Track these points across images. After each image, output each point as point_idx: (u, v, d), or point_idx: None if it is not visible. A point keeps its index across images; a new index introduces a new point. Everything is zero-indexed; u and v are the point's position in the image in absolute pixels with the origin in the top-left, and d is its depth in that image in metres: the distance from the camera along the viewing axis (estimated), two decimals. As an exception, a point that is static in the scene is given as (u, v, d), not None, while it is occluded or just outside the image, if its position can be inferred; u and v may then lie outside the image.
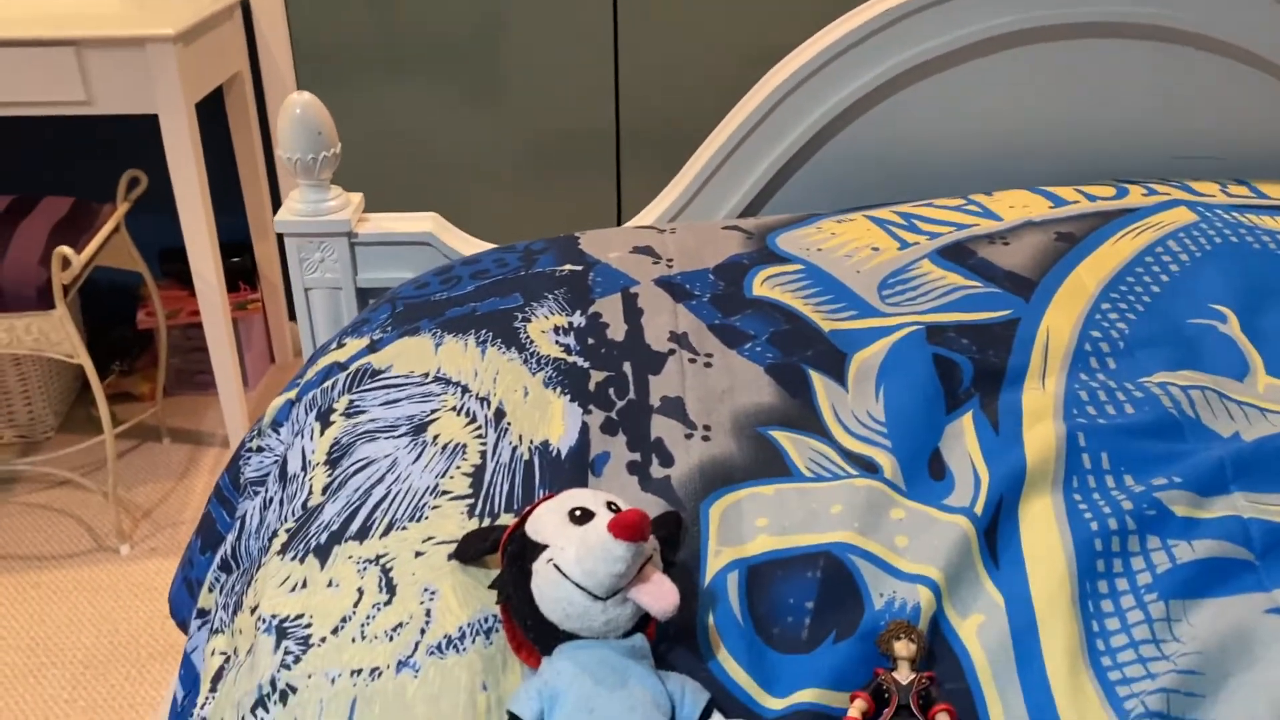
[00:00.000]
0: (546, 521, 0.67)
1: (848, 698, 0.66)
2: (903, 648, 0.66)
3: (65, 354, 1.75)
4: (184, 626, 1.05)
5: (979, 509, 0.76)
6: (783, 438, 0.85)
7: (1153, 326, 0.96)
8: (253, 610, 0.75)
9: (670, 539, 0.73)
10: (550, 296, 1.01)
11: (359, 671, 0.67)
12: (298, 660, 0.68)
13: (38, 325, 1.71)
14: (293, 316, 2.48)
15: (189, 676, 0.90)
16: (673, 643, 0.69)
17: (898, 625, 0.68)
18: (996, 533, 0.75)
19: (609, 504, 0.68)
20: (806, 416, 0.87)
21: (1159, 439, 0.82)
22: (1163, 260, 1.04)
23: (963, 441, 0.84)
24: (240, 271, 2.27)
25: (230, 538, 0.91)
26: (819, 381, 0.90)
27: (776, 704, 0.66)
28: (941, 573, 0.72)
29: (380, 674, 0.66)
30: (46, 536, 1.98)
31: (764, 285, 1.02)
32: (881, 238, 1.09)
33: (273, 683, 0.68)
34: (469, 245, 1.28)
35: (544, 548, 0.66)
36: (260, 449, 0.97)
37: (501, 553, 0.69)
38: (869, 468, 0.82)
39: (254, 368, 2.32)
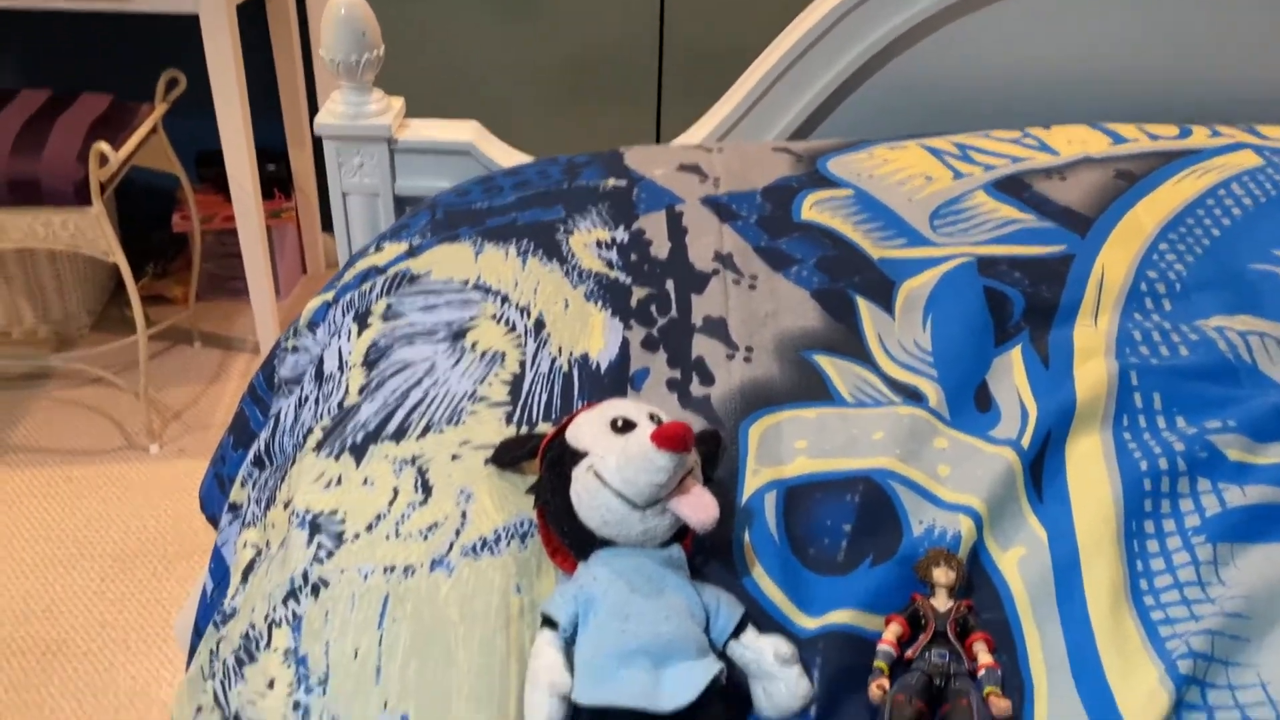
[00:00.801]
0: (587, 430, 0.66)
1: (883, 621, 0.65)
2: (941, 574, 0.66)
3: (101, 252, 1.75)
4: (214, 521, 1.06)
5: (1025, 442, 0.75)
6: (826, 362, 0.83)
7: (1211, 269, 0.93)
8: (286, 505, 0.75)
9: (710, 456, 0.73)
10: (593, 210, 0.99)
11: (392, 569, 0.66)
12: (330, 555, 0.68)
13: (74, 221, 1.71)
14: (326, 227, 2.46)
15: (219, 569, 0.90)
16: (708, 557, 0.68)
17: (937, 553, 0.67)
18: (1042, 467, 0.74)
19: (651, 415, 0.67)
20: (851, 342, 0.85)
21: (1213, 382, 0.80)
22: (1225, 204, 1.00)
23: (1011, 375, 0.82)
24: (276, 179, 2.26)
25: (264, 435, 0.91)
26: (865, 308, 0.88)
27: (810, 623, 0.65)
28: (984, 503, 0.71)
29: (414, 572, 0.66)
30: (78, 432, 2.00)
31: (813, 209, 0.99)
32: (935, 166, 1.06)
33: (305, 576, 0.68)
34: (509, 157, 1.26)
35: (584, 455, 0.65)
36: (296, 349, 0.96)
37: (540, 459, 0.68)
38: (913, 396, 0.80)
39: (286, 277, 2.32)
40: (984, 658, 0.62)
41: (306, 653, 0.64)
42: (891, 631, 0.64)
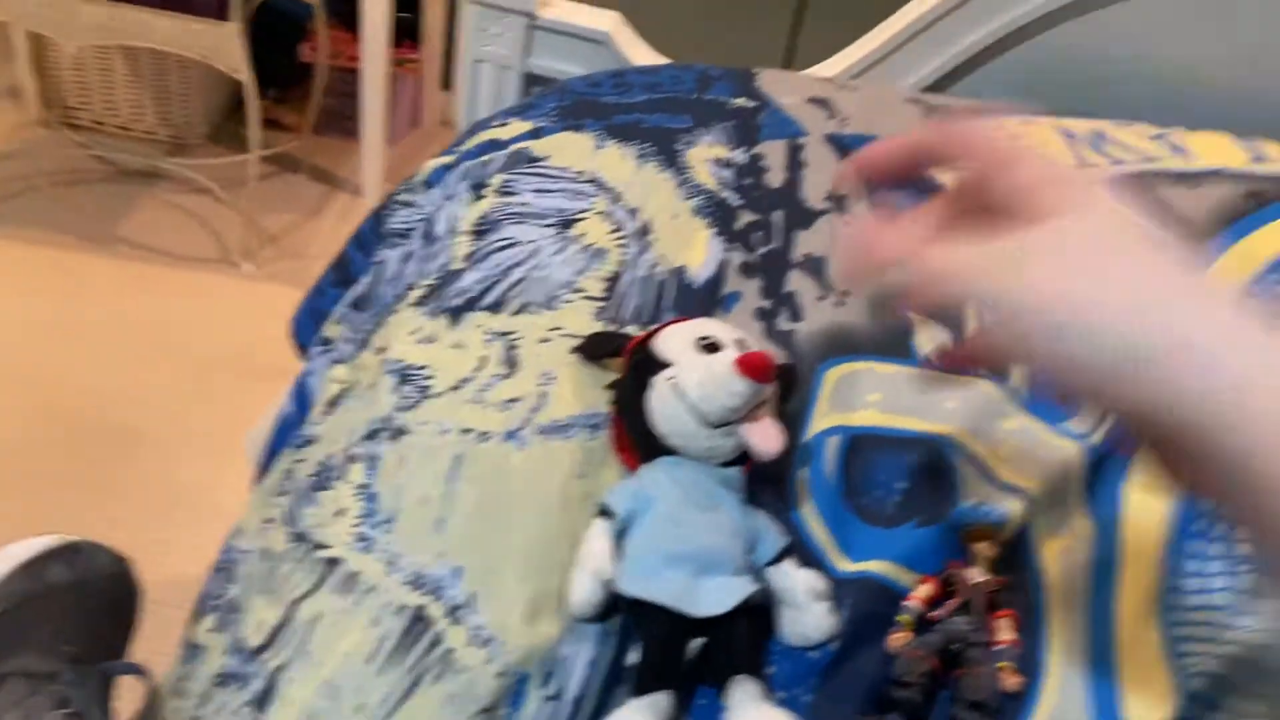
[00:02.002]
0: (675, 342, 0.69)
1: (916, 579, 0.68)
2: (983, 548, 0.68)
3: (231, 68, 1.80)
4: (301, 349, 1.11)
5: (1095, 440, 0.76)
6: (917, 321, 0.84)
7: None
8: (379, 351, 0.79)
9: (784, 390, 0.75)
10: (717, 126, 0.99)
11: (469, 431, 0.70)
12: (415, 406, 0.72)
13: (211, 34, 1.75)
14: (445, 85, 2.48)
15: (301, 395, 0.95)
16: (762, 485, 0.71)
17: (982, 526, 0.69)
18: (1104, 467, 0.75)
19: (737, 340, 0.69)
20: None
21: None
22: (1352, 247, 0.98)
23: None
24: (405, 28, 2.27)
25: (365, 280, 0.95)
26: (965, 277, 0.89)
27: (848, 566, 0.68)
28: (1039, 490, 0.72)
29: (489, 438, 0.70)
30: (181, 238, 2.08)
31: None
32: (1061, 150, 1.04)
33: (387, 420, 0.72)
34: (643, 55, 1.26)
35: (667, 365, 0.68)
36: (408, 204, 0.99)
37: (626, 359, 0.71)
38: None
39: (399, 126, 2.35)
40: (1005, 634, 0.65)
41: (378, 491, 0.68)
42: (923, 590, 0.67)
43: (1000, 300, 0.38)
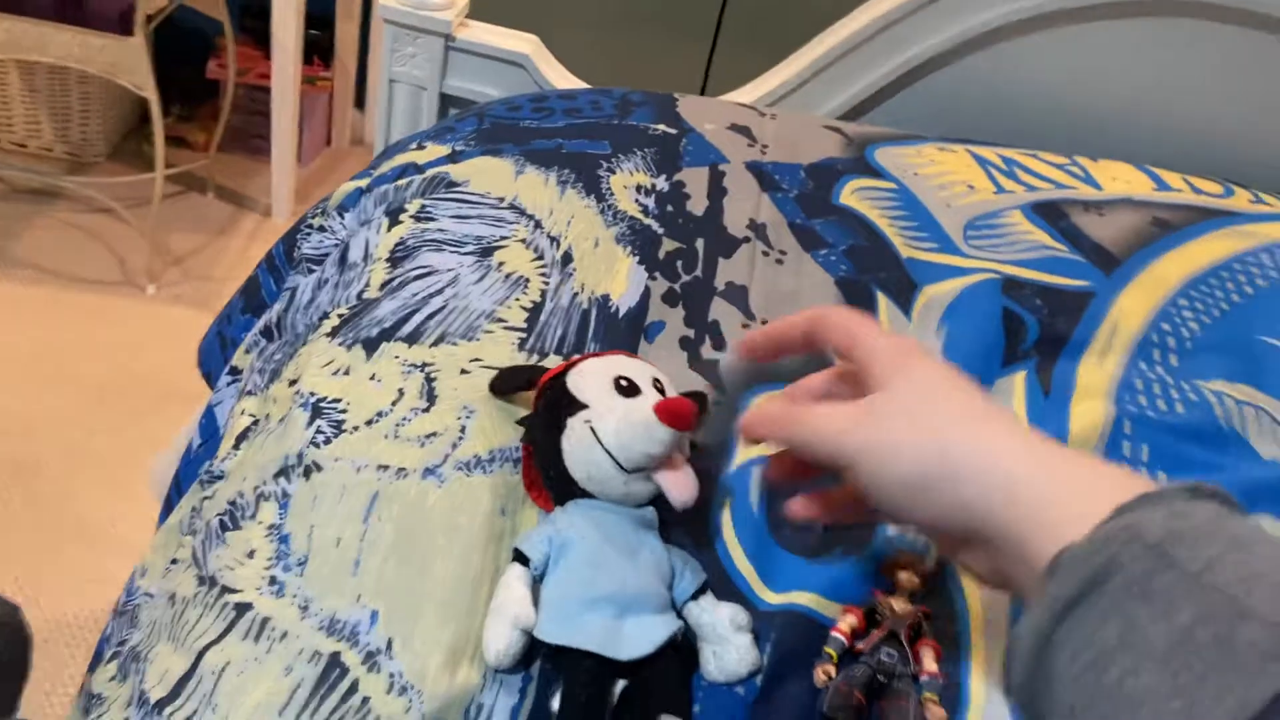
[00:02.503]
0: (591, 381, 0.67)
1: (840, 609, 0.67)
2: (906, 577, 0.68)
3: (134, 84, 1.74)
4: (208, 378, 1.07)
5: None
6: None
7: (1223, 334, 0.94)
8: (291, 383, 0.77)
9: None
10: (639, 153, 0.99)
11: (385, 468, 0.68)
12: (328, 441, 0.70)
13: (114, 49, 1.69)
14: (358, 104, 2.44)
15: (209, 426, 0.92)
16: (687, 518, 0.70)
17: (906, 556, 0.69)
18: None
19: (655, 380, 0.68)
20: (864, 335, 0.87)
21: (1201, 445, 0.82)
22: (1250, 271, 1.01)
23: (1011, 398, 0.84)
24: (317, 46, 2.23)
25: (277, 307, 0.92)
26: (885, 305, 0.89)
27: (772, 598, 0.68)
28: (960, 519, 0.73)
29: (406, 475, 0.68)
30: (79, 258, 2.00)
31: (852, 195, 1.00)
32: (979, 177, 1.06)
33: (300, 457, 0.69)
34: (562, 79, 1.25)
35: (583, 406, 0.66)
36: (322, 229, 0.96)
37: (538, 394, 0.70)
38: (913, 401, 0.82)
39: (309, 145, 2.31)
40: (929, 664, 0.65)
41: (290, 532, 0.65)
42: (846, 622, 0.66)
43: (839, 450, 0.49)
